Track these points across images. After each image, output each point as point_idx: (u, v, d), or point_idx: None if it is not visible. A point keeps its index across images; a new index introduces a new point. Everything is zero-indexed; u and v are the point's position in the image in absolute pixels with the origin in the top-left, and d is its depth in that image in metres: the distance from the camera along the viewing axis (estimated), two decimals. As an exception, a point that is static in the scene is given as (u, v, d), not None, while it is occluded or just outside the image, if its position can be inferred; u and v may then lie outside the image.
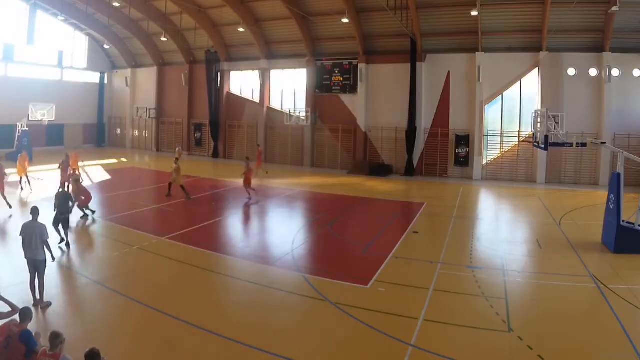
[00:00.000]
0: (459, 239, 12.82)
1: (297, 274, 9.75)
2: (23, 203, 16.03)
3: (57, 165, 18.67)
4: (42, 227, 7.87)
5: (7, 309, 5.80)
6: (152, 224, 14.22)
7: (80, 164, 18.96)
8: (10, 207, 14.82)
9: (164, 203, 16.81)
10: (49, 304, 7.62)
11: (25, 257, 7.78)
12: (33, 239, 7.67)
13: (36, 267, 7.68)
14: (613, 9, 18.02)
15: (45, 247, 7.79)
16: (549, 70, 23.26)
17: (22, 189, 18.07)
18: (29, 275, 7.76)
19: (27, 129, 28.34)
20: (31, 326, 5.36)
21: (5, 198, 14.95)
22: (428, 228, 14.57)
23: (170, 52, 35.37)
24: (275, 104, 31.44)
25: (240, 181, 18.92)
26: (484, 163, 25.15)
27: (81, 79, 37.60)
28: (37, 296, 7.62)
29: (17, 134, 28.32)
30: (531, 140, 16.80)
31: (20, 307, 5.54)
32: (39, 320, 7.09)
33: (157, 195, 18.79)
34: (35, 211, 8.10)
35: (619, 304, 8.20)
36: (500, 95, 24.89)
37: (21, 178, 18.24)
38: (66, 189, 15.45)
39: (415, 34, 24.73)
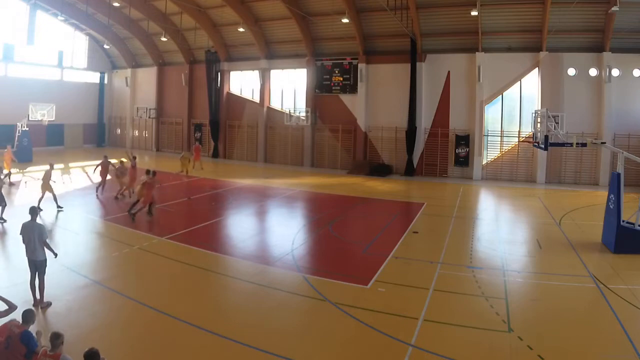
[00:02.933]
0: (459, 239, 12.83)
1: (297, 274, 9.75)
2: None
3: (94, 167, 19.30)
4: (41, 227, 7.86)
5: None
6: (152, 224, 14.21)
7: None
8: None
9: (164, 203, 16.80)
10: (49, 304, 7.62)
11: (26, 257, 7.76)
12: (32, 239, 7.67)
13: (36, 267, 7.68)
14: (613, 9, 18.03)
15: (45, 246, 7.77)
16: (549, 70, 23.26)
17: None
18: (29, 275, 7.76)
19: (27, 129, 28.35)
20: (31, 326, 5.35)
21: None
22: (428, 228, 14.56)
23: (170, 52, 35.38)
24: (275, 104, 31.43)
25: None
26: (484, 163, 25.14)
27: (81, 79, 37.62)
28: (37, 296, 7.62)
29: (17, 134, 28.32)
30: (531, 140, 16.78)
31: (18, 307, 5.51)
32: (40, 320, 7.07)
33: (156, 195, 18.70)
34: (33, 211, 8.09)
35: (619, 304, 8.20)
36: (500, 95, 24.89)
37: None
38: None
39: (415, 34, 24.73)
